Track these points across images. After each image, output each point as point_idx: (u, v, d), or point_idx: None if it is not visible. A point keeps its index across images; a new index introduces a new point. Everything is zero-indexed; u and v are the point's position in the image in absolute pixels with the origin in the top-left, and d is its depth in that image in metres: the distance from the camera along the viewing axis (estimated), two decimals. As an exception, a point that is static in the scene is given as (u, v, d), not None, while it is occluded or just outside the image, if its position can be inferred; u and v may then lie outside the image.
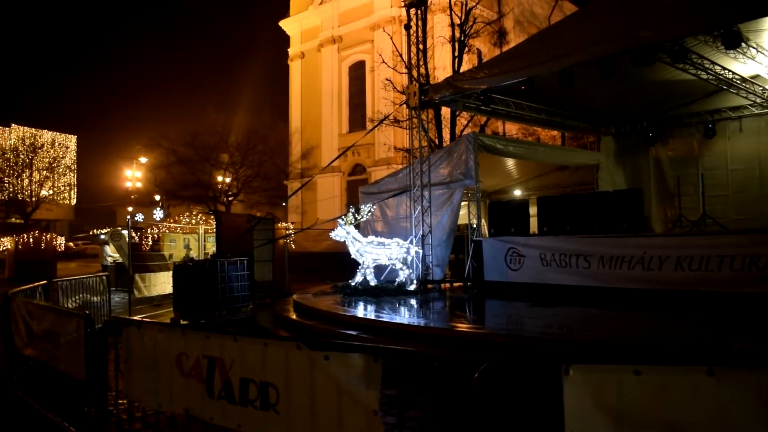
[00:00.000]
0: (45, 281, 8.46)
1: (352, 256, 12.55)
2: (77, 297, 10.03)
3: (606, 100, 14.23)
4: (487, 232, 14.71)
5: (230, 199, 35.66)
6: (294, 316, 11.04)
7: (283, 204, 35.35)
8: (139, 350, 4.13)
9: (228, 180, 35.93)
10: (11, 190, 40.38)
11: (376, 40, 34.79)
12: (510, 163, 15.27)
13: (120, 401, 5.28)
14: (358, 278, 12.41)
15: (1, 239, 30.86)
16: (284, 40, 42.37)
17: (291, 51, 41.68)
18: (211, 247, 18.60)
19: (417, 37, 14.64)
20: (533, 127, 22.23)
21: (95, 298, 10.85)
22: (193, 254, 18.01)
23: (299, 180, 37.24)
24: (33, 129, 48.48)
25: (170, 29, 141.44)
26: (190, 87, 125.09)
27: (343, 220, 12.45)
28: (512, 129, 28.62)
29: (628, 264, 9.43)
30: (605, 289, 9.67)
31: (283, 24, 41.82)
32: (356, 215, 12.54)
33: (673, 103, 14.89)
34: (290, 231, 19.10)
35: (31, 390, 6.29)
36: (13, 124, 50.25)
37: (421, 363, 2.71)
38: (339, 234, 12.39)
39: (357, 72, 37.93)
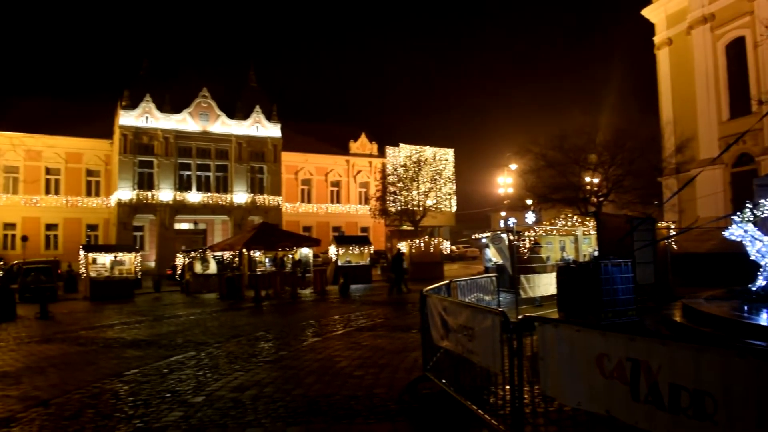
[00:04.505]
0: (447, 281, 9.40)
1: (752, 257, 11.19)
2: (472, 295, 10.93)
3: None
4: None
5: (600, 199, 34.89)
6: (685, 322, 10.35)
7: (655, 203, 33.20)
8: (555, 348, 4.30)
9: (597, 180, 35.20)
10: (403, 201, 46.04)
11: (758, 10, 30.51)
12: None
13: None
14: (760, 282, 11.00)
15: (399, 244, 35.20)
16: (646, 29, 40.05)
17: (657, 39, 39.08)
18: (587, 249, 18.46)
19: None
20: None
21: (486, 297, 11.69)
22: (570, 256, 18.11)
23: (674, 176, 34.58)
24: (417, 146, 54.29)
25: (528, 41, 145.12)
26: (554, 92, 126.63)
27: (738, 217, 11.22)
28: None
29: None
30: None
31: (646, 12, 39.45)
32: (755, 211, 11.17)
33: None
34: (672, 231, 17.87)
35: (443, 375, 7.04)
36: (401, 144, 56.96)
37: None
38: (735, 233, 11.18)
39: (735, 50, 33.68)
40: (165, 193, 46.32)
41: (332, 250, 31.67)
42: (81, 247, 28.29)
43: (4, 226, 45.80)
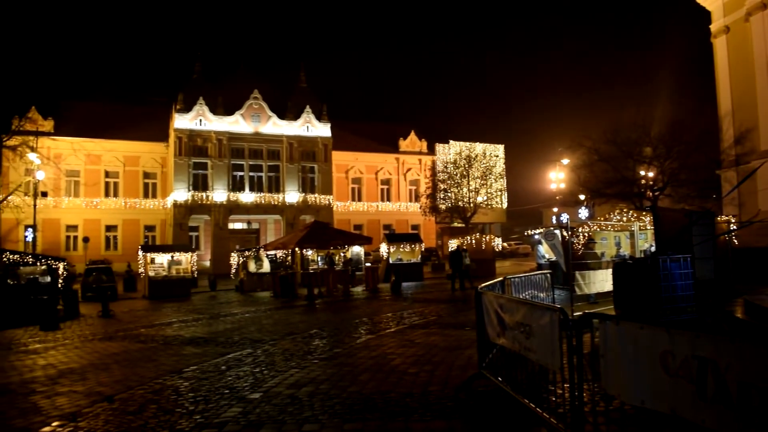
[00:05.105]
0: (501, 278, 9.32)
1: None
2: (526, 292, 10.79)
3: None
4: None
5: (656, 193, 33.99)
6: (748, 319, 10.02)
7: (714, 197, 32.11)
8: (617, 346, 4.21)
9: (652, 174, 34.29)
10: (453, 198, 45.84)
11: (822, -6, 29.24)
12: None
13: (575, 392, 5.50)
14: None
15: (450, 241, 35.08)
16: (701, 18, 38.77)
17: (713, 27, 37.77)
18: (644, 244, 18.03)
19: None
20: None
21: (541, 294, 11.53)
22: (626, 252, 17.72)
23: (733, 168, 33.39)
24: (467, 143, 53.95)
25: (579, 34, 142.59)
26: (606, 85, 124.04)
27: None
28: None
29: None
30: None
31: (702, -1, 38.27)
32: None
33: None
34: (732, 225, 17.30)
35: (498, 373, 6.99)
36: (451, 141, 56.69)
37: None
38: (802, 226, 10.79)
39: (797, 36, 32.38)
40: (219, 194, 47.28)
41: (383, 248, 31.79)
42: (139, 247, 29.12)
43: (66, 228, 47.53)
